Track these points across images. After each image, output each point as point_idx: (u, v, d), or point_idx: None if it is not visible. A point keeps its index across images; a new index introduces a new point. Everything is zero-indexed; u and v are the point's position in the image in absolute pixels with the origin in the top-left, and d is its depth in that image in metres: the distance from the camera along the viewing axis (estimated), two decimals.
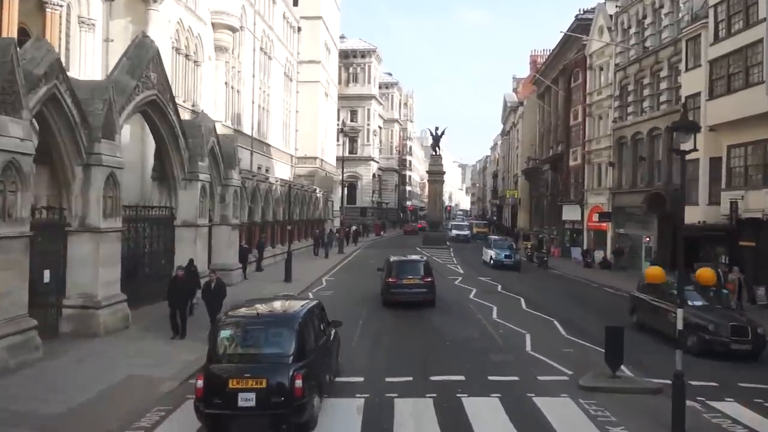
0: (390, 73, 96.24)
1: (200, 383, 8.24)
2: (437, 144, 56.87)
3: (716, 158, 23.62)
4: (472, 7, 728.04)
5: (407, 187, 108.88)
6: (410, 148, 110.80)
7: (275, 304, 10.78)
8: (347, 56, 74.77)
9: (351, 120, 75.06)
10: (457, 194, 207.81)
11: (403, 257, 22.21)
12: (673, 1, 29.23)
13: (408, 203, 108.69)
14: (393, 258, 21.20)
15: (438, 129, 56.66)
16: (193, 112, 28.22)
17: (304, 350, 8.77)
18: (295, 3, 52.24)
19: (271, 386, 8.14)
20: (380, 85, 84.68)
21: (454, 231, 60.77)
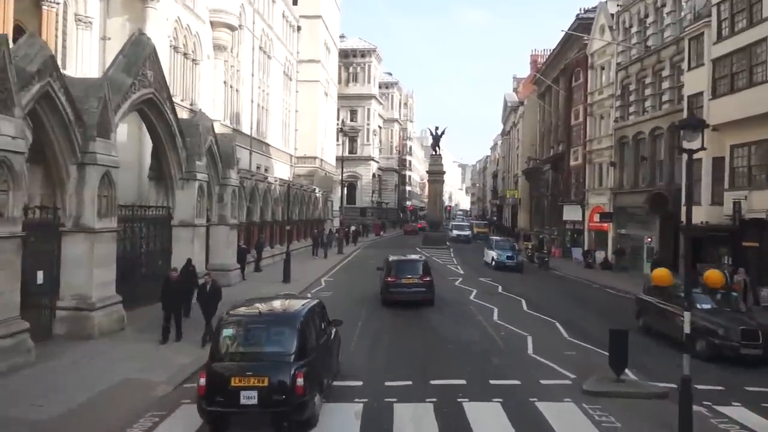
0: (390, 73, 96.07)
1: (203, 381, 8.33)
2: (437, 144, 56.55)
3: (719, 158, 23.37)
4: (472, 7, 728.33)
5: (407, 187, 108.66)
6: (410, 148, 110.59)
7: (277, 303, 10.85)
8: (347, 56, 74.55)
9: (351, 120, 74.86)
10: (457, 194, 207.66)
11: (402, 257, 22.33)
12: (676, 0, 29.03)
13: (408, 203, 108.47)
14: (392, 257, 21.33)
15: (438, 129, 56.34)
16: (192, 111, 27.96)
17: (306, 349, 8.85)
18: (295, 2, 51.99)
19: (273, 384, 8.23)
20: (380, 85, 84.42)
21: (455, 231, 59.71)
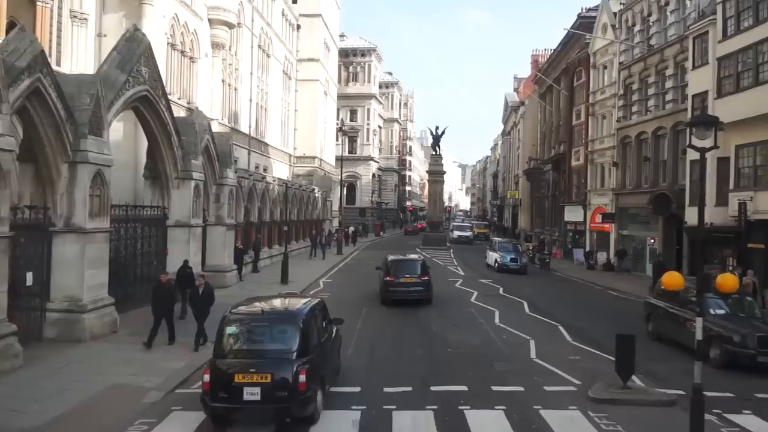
0: (390, 73, 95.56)
1: (207, 377, 8.49)
2: (437, 143, 56.19)
3: (724, 158, 22.97)
4: (473, 7, 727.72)
5: (407, 188, 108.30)
6: (410, 148, 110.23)
7: (279, 302, 11.06)
8: (347, 55, 74.18)
9: (350, 119, 74.44)
10: (457, 194, 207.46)
11: (401, 256, 22.77)
12: None
13: (408, 203, 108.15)
14: (391, 257, 21.63)
15: (438, 128, 55.91)
16: (189, 110, 27.60)
17: (308, 346, 8.99)
18: (294, 0, 51.60)
19: (276, 381, 8.40)
20: (380, 85, 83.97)
21: (456, 232, 58.58)
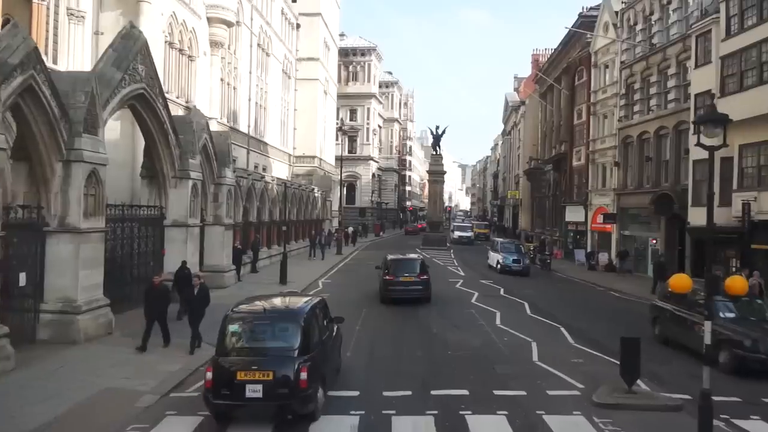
0: (390, 72, 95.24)
1: (209, 375, 8.58)
2: (438, 143, 55.92)
3: (727, 158, 22.72)
4: (473, 7, 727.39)
5: (407, 187, 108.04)
6: (410, 148, 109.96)
7: (281, 301, 11.22)
8: (347, 54, 73.93)
9: (350, 119, 74.20)
10: (457, 195, 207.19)
11: (401, 255, 23.24)
12: None
13: (408, 203, 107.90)
14: (390, 257, 21.98)
15: (438, 128, 55.61)
16: (187, 109, 27.32)
17: (309, 344, 9.08)
18: None
19: (278, 378, 8.49)
20: (380, 84, 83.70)
21: (457, 232, 57.79)
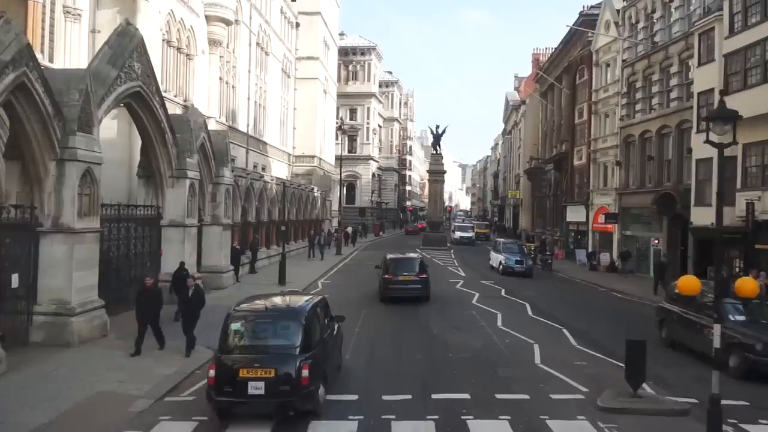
0: (390, 72, 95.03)
1: (212, 373, 8.74)
2: (438, 143, 55.69)
3: (731, 157, 22.43)
4: (473, 7, 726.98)
5: (407, 187, 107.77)
6: (410, 148, 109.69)
7: (282, 299, 11.37)
8: (347, 53, 73.68)
9: (350, 118, 73.93)
10: (457, 194, 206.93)
11: (400, 255, 23.52)
12: None
13: (408, 203, 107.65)
14: (390, 256, 22.22)
15: (439, 127, 55.39)
16: (185, 108, 27.07)
17: (310, 342, 9.21)
18: None
19: (280, 376, 8.61)
20: (380, 84, 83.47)
21: (458, 233, 57.02)
